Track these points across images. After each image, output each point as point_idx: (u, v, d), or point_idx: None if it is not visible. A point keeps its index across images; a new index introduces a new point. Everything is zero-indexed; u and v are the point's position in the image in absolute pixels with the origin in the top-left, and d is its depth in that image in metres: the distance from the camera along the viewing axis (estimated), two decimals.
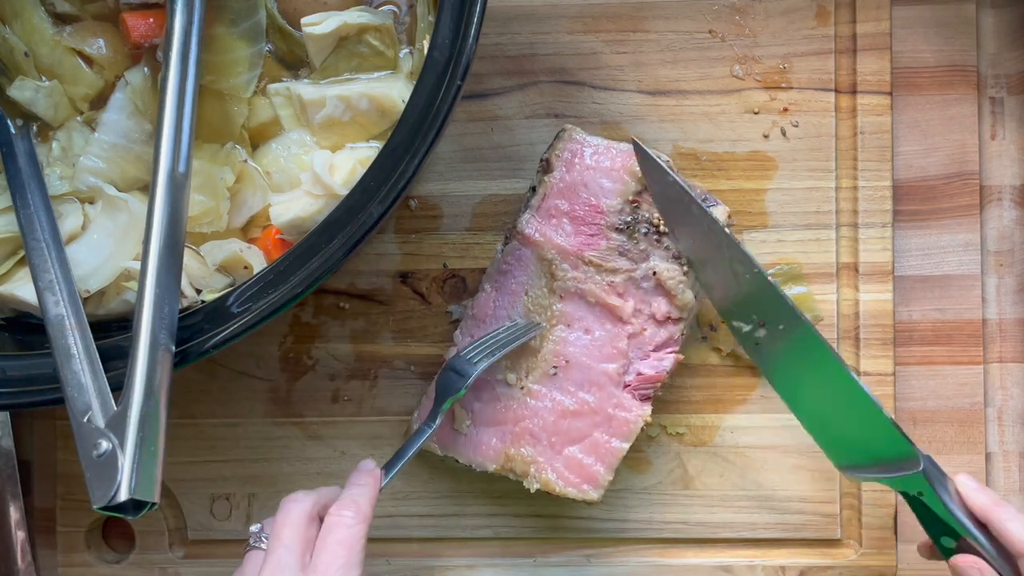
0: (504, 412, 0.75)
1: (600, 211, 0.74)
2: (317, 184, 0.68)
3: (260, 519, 0.79)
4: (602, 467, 0.74)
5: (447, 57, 0.61)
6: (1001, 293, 0.79)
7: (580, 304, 0.74)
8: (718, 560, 0.78)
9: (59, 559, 0.81)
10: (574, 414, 0.74)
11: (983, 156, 0.79)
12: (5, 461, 0.80)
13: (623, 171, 0.73)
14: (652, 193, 0.73)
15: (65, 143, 0.71)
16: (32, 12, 0.70)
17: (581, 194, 0.74)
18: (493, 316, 0.76)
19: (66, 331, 0.62)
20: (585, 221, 0.74)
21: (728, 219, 0.74)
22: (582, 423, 0.74)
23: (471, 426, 0.75)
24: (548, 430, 0.74)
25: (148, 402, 0.56)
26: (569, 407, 0.74)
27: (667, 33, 0.79)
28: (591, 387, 0.74)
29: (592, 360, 0.74)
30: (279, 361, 0.80)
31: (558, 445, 0.74)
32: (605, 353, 0.74)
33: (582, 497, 0.74)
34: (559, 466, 0.74)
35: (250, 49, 0.70)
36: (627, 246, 0.73)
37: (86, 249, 0.68)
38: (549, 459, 0.74)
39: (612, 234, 0.73)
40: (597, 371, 0.74)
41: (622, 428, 0.74)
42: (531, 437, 0.74)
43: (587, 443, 0.74)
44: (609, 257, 0.73)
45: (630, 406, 0.74)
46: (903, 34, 0.79)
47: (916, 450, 0.67)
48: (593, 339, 0.74)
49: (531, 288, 0.75)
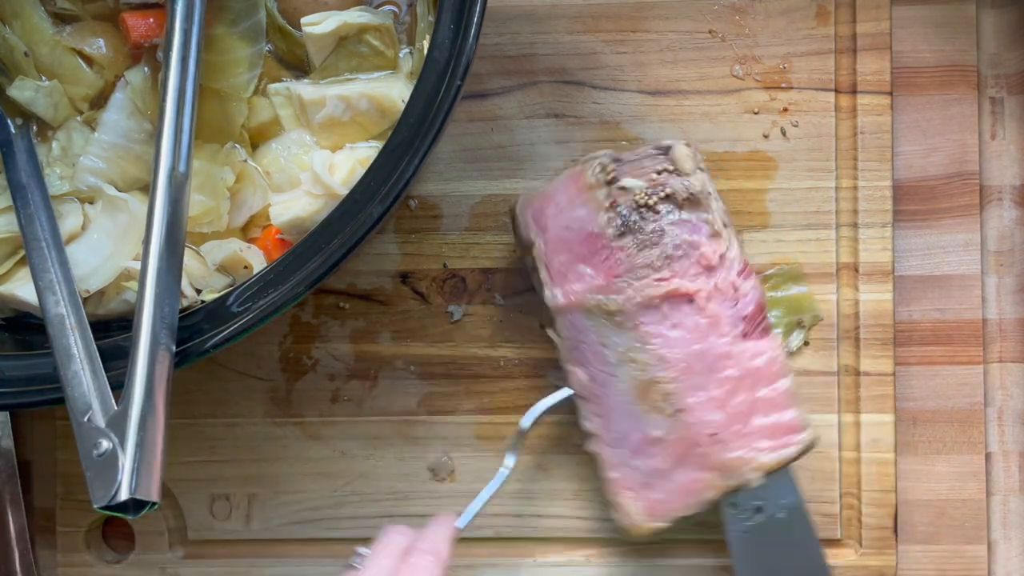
0: (678, 447, 0.72)
1: (596, 235, 0.72)
2: (317, 184, 0.68)
3: (260, 519, 0.80)
4: (789, 412, 0.71)
5: (447, 57, 0.61)
6: (1001, 293, 0.79)
7: (651, 313, 0.72)
8: (718, 560, 0.78)
9: (59, 559, 0.81)
10: (730, 394, 0.71)
11: (983, 156, 0.79)
12: (5, 461, 0.80)
13: (580, 190, 0.72)
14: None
15: (65, 143, 0.71)
16: (32, 12, 0.70)
17: (570, 238, 0.73)
18: (598, 388, 0.74)
19: (66, 331, 0.62)
20: (593, 253, 0.72)
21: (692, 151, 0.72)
22: (742, 396, 0.71)
23: (653, 488, 0.73)
24: (725, 426, 0.71)
25: (148, 401, 0.56)
26: (721, 395, 0.71)
27: (667, 33, 0.79)
28: (722, 363, 0.71)
29: (703, 343, 0.71)
30: (279, 361, 0.80)
31: (743, 430, 0.71)
32: (705, 328, 0.71)
33: (806, 445, 0.71)
34: (761, 443, 0.71)
35: (250, 49, 0.70)
36: (641, 238, 0.72)
37: (86, 249, 0.68)
38: (749, 445, 0.71)
39: (620, 242, 0.72)
40: (714, 349, 0.71)
41: (771, 371, 0.71)
42: (720, 444, 0.71)
43: (761, 407, 0.71)
44: (637, 258, 0.72)
45: (761, 349, 0.71)
46: (903, 34, 0.79)
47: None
48: (687, 328, 0.71)
49: (604, 340, 0.73)
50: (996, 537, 0.79)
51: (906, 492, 0.78)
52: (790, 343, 0.78)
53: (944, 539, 0.78)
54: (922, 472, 0.78)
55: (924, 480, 0.78)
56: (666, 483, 0.73)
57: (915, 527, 0.78)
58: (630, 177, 0.71)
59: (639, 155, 0.72)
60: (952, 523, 0.78)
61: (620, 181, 0.71)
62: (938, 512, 0.78)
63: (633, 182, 0.71)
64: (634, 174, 0.71)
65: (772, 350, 0.72)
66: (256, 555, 0.80)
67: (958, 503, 0.78)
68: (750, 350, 0.71)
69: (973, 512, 0.78)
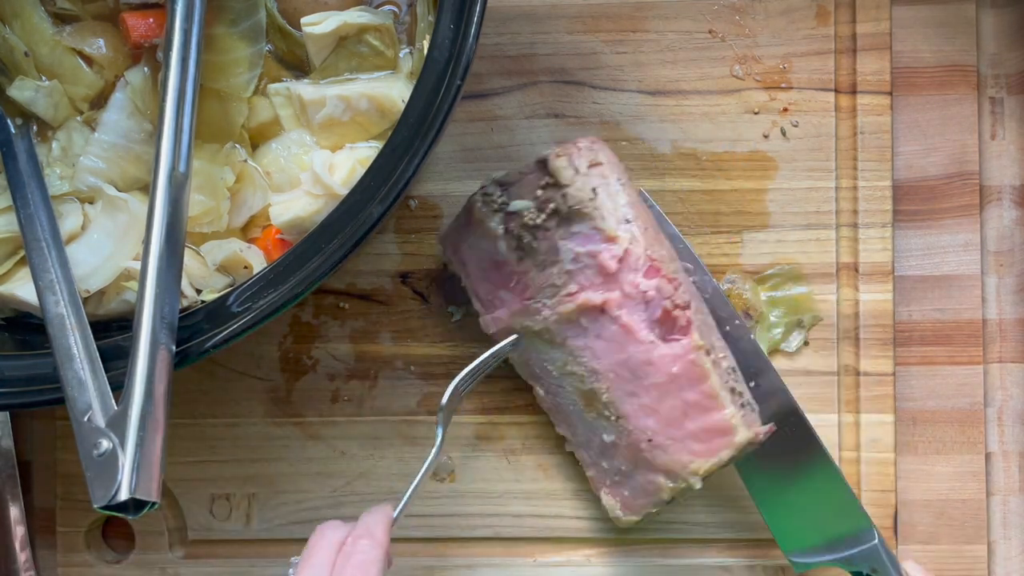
0: (628, 451, 0.72)
1: (501, 262, 0.72)
2: (317, 184, 0.68)
3: (260, 519, 0.80)
4: (716, 415, 0.69)
5: (447, 57, 0.61)
6: (1001, 293, 0.79)
7: (572, 327, 0.71)
8: (718, 560, 0.78)
9: (59, 559, 0.81)
10: (659, 400, 0.70)
11: (983, 156, 0.79)
12: (5, 461, 0.80)
13: (476, 223, 0.73)
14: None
15: (65, 143, 0.71)
16: (32, 12, 0.70)
17: (486, 268, 0.73)
18: (554, 400, 0.74)
19: (66, 331, 0.62)
20: (506, 279, 0.73)
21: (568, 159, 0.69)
22: (671, 400, 0.69)
23: (622, 485, 0.73)
24: (660, 432, 0.70)
25: (148, 401, 0.56)
26: (650, 401, 0.70)
27: (667, 33, 0.79)
28: (644, 369, 0.70)
29: (624, 353, 0.70)
30: (279, 361, 0.80)
31: (676, 435, 0.70)
32: (621, 337, 0.70)
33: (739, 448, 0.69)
34: (695, 447, 0.69)
35: (250, 49, 0.70)
36: (540, 259, 0.71)
37: (86, 249, 0.68)
38: (684, 451, 0.70)
39: (522, 267, 0.72)
40: (635, 356, 0.70)
41: (693, 373, 0.69)
42: (660, 450, 0.70)
43: (691, 410, 0.69)
44: (539, 278, 0.71)
45: (678, 351, 0.69)
46: (903, 34, 0.79)
47: (872, 524, 0.71)
48: (607, 338, 0.71)
49: (544, 357, 0.73)
50: (996, 537, 0.79)
51: (906, 492, 0.78)
52: (790, 343, 0.78)
53: (944, 539, 0.78)
54: (922, 472, 0.78)
55: (924, 480, 0.78)
56: (630, 481, 0.73)
57: (915, 527, 0.78)
58: (517, 200, 0.71)
59: (522, 173, 0.71)
60: (952, 523, 0.78)
61: (508, 206, 0.71)
62: (938, 512, 0.78)
63: (520, 203, 0.71)
64: (521, 194, 0.71)
65: (690, 349, 0.69)
66: (256, 555, 0.80)
67: (958, 503, 0.78)
68: (669, 354, 0.69)
69: (973, 512, 0.78)
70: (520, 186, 0.71)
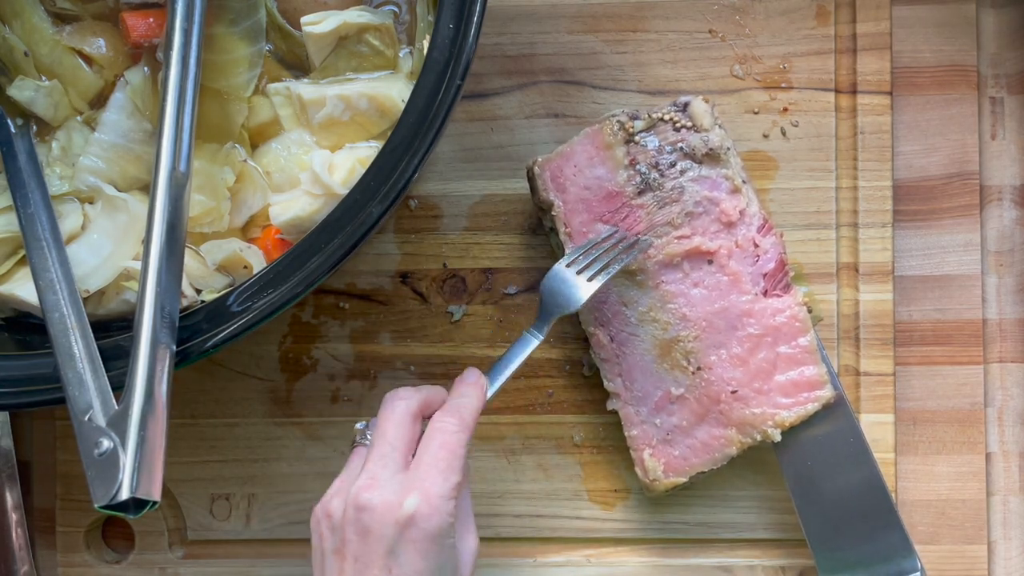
0: (699, 404, 0.72)
1: (616, 193, 0.73)
2: (317, 184, 0.68)
3: (259, 519, 0.80)
4: (811, 368, 0.71)
5: (447, 57, 0.61)
6: (1001, 293, 0.79)
7: (672, 271, 0.72)
8: (718, 560, 0.78)
9: (59, 559, 0.81)
10: (751, 352, 0.71)
11: (983, 156, 0.79)
12: (5, 461, 0.80)
13: (599, 149, 0.73)
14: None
15: (65, 143, 0.71)
16: (32, 11, 0.70)
17: (589, 198, 0.73)
18: (619, 348, 0.74)
19: (67, 331, 0.62)
20: (612, 212, 0.73)
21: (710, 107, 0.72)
22: (763, 353, 0.71)
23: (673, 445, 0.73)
24: (746, 383, 0.72)
25: (149, 401, 0.56)
26: (742, 352, 0.72)
27: (667, 33, 0.79)
28: (743, 320, 0.71)
29: (723, 301, 0.72)
30: (279, 361, 0.80)
31: (763, 387, 0.71)
32: (726, 286, 0.72)
33: (825, 402, 0.71)
34: (782, 400, 0.71)
35: (250, 49, 0.70)
36: (660, 196, 0.72)
37: (86, 249, 0.68)
38: (769, 403, 0.71)
39: (640, 200, 0.72)
40: (735, 306, 0.72)
41: (792, 328, 0.71)
42: (741, 402, 0.71)
43: (782, 363, 0.71)
44: (657, 216, 0.72)
45: (782, 306, 0.71)
46: (903, 34, 0.79)
47: (917, 555, 0.71)
48: (707, 286, 0.72)
49: (625, 300, 0.73)
50: (996, 537, 0.79)
51: (906, 492, 0.78)
52: None
53: (944, 539, 0.78)
54: (922, 472, 0.78)
55: (924, 480, 0.78)
56: (686, 439, 0.73)
57: (915, 527, 0.78)
58: (648, 134, 0.72)
59: (651, 115, 0.72)
60: (952, 523, 0.78)
61: (638, 138, 0.72)
62: (938, 512, 0.78)
63: (652, 139, 0.72)
64: (652, 131, 0.72)
65: (793, 307, 0.72)
66: (256, 555, 0.80)
67: (958, 503, 0.78)
68: (771, 307, 0.72)
69: (973, 512, 0.78)
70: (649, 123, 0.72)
